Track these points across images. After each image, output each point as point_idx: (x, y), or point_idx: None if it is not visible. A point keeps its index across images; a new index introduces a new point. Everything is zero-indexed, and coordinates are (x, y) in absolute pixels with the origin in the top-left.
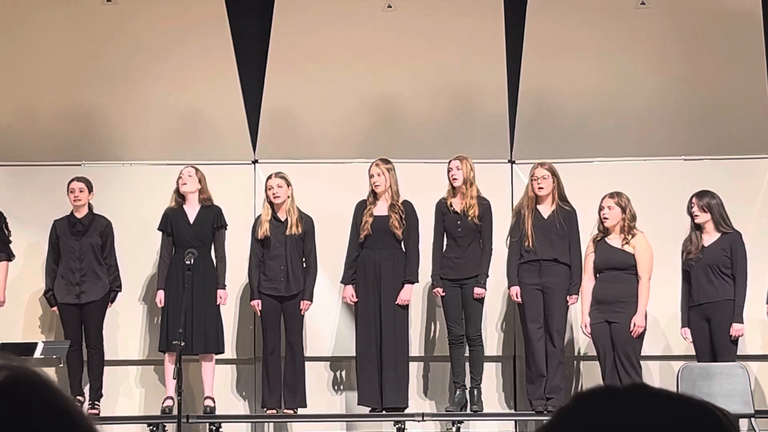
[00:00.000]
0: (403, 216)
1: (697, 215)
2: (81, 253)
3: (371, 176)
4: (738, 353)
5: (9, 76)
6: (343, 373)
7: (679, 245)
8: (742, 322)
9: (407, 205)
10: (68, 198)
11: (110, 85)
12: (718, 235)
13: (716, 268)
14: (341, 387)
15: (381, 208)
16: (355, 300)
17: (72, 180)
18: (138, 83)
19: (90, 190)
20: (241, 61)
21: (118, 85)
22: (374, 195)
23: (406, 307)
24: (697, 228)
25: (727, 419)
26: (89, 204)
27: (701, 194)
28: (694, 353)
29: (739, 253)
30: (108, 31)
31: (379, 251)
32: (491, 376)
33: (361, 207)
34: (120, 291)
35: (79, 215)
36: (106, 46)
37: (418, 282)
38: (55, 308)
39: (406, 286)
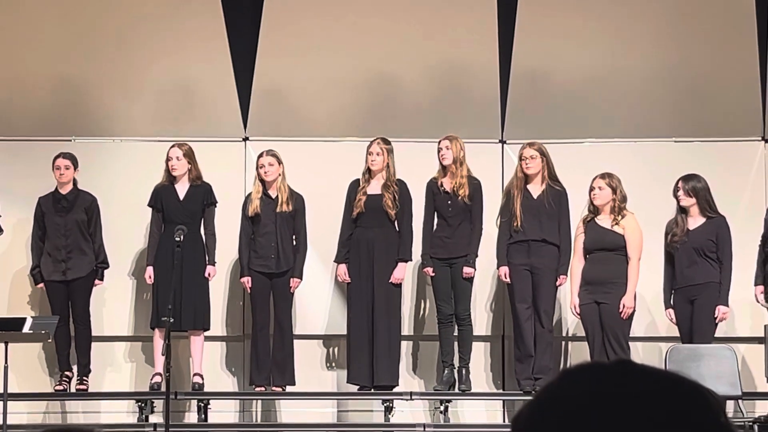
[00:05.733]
0: (397, 195)
1: (682, 199)
2: (66, 229)
3: (369, 154)
4: (726, 335)
5: None
6: (334, 351)
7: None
8: (727, 305)
9: (401, 184)
10: (53, 174)
11: (101, 61)
12: (704, 219)
13: (701, 251)
14: (331, 365)
15: (374, 187)
16: (348, 280)
17: (57, 156)
18: (129, 59)
19: (75, 166)
20: (233, 38)
21: (109, 61)
22: (369, 173)
23: (399, 286)
24: (683, 211)
25: (711, 394)
26: (74, 180)
27: (688, 178)
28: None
29: (724, 237)
30: (99, 6)
31: (372, 230)
32: (480, 356)
33: (355, 185)
34: (107, 267)
35: (63, 191)
36: (98, 21)
37: (411, 260)
38: (41, 285)
39: (399, 264)
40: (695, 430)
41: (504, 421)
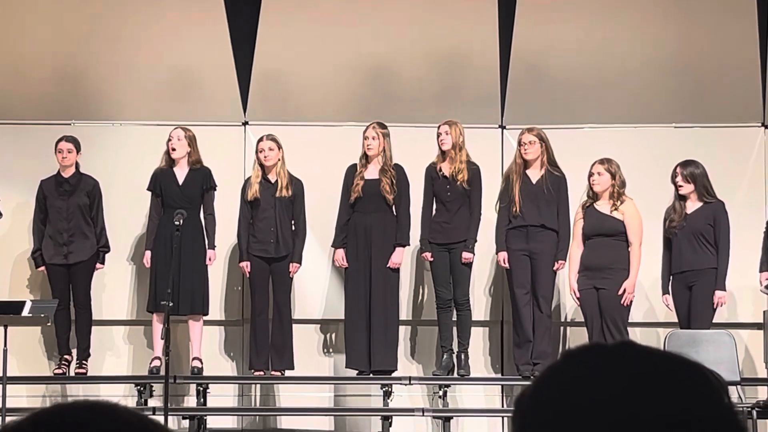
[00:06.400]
0: (395, 180)
1: (681, 185)
2: (68, 213)
3: (365, 138)
4: (728, 321)
5: None
6: (332, 336)
7: None
8: (724, 290)
9: (398, 168)
10: (56, 158)
11: (101, 44)
12: (701, 204)
13: (699, 236)
14: (329, 350)
15: (372, 172)
16: (346, 265)
17: (60, 140)
18: (129, 43)
19: (78, 150)
20: (233, 22)
21: (108, 44)
22: (366, 158)
23: (396, 271)
24: (681, 197)
25: (714, 376)
26: (77, 163)
27: (686, 164)
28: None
29: (721, 222)
30: None
31: (370, 215)
32: (478, 341)
33: (352, 170)
34: (108, 251)
35: (66, 175)
36: (97, 5)
37: (409, 245)
38: (42, 268)
39: (397, 249)
40: (697, 412)
41: (503, 406)
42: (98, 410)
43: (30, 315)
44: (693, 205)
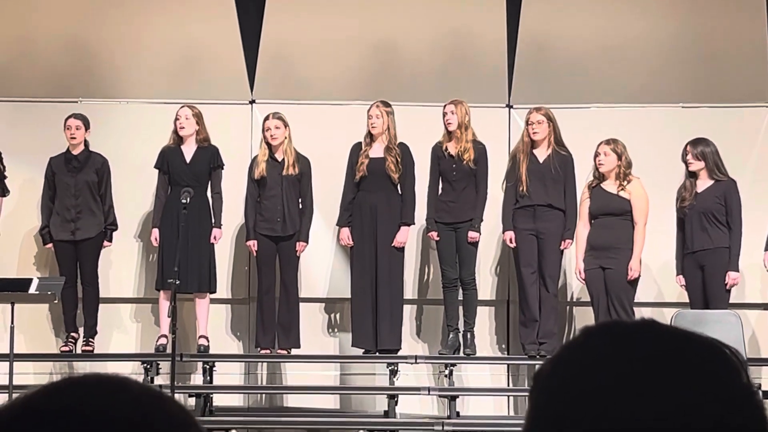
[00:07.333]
0: (399, 159)
1: (691, 163)
2: (77, 190)
3: (369, 117)
4: (737, 301)
5: (6, 11)
6: (338, 315)
7: (674, 193)
8: (737, 270)
9: (403, 147)
10: (65, 135)
11: (108, 22)
12: (712, 182)
13: (710, 215)
14: (335, 329)
15: (377, 150)
16: (351, 244)
17: (69, 117)
18: (136, 21)
19: (87, 127)
20: (240, 1)
21: (116, 22)
22: (371, 136)
23: (401, 250)
24: (692, 175)
25: (735, 356)
26: (86, 141)
27: (696, 142)
28: (685, 300)
29: (733, 201)
30: None
31: (375, 193)
32: (485, 320)
33: (357, 149)
34: (116, 229)
35: (75, 152)
36: None
37: (414, 224)
38: (50, 245)
39: (402, 228)
40: (715, 389)
41: (508, 385)
42: (109, 384)
43: (37, 292)
44: (703, 183)
